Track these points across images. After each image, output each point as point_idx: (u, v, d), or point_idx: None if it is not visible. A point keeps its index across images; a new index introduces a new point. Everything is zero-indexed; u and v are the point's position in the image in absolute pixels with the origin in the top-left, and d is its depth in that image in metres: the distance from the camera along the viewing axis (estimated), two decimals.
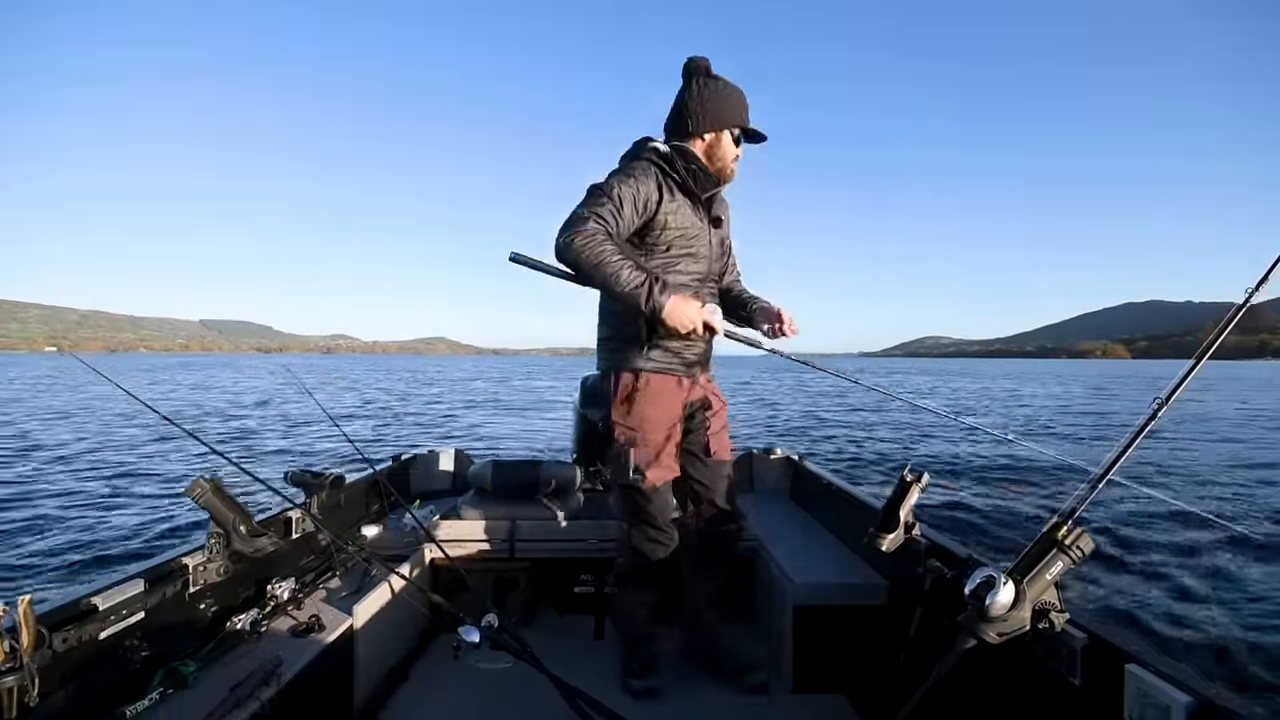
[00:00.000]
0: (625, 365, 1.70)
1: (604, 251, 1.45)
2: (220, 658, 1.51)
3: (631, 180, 1.56)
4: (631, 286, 1.46)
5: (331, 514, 2.26)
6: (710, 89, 1.68)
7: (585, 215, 1.48)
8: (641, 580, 1.86)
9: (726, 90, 1.69)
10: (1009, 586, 1.12)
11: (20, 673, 1.10)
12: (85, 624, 1.29)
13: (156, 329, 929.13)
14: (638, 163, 1.62)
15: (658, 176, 1.61)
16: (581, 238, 1.44)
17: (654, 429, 1.71)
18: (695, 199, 1.70)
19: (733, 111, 1.70)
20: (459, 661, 1.97)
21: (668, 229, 1.64)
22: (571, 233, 1.45)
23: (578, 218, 1.48)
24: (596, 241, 1.45)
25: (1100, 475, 1.19)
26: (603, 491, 2.74)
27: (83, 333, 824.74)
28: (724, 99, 1.69)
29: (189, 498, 1.65)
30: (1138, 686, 0.96)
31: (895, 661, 1.53)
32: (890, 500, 1.54)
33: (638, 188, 1.56)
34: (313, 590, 1.91)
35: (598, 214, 1.49)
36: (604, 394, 1.78)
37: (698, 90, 1.68)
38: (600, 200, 1.51)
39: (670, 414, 1.73)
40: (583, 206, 1.51)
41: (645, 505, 1.75)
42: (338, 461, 9.22)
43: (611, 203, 1.51)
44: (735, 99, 1.70)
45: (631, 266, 1.47)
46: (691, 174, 1.67)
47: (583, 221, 1.47)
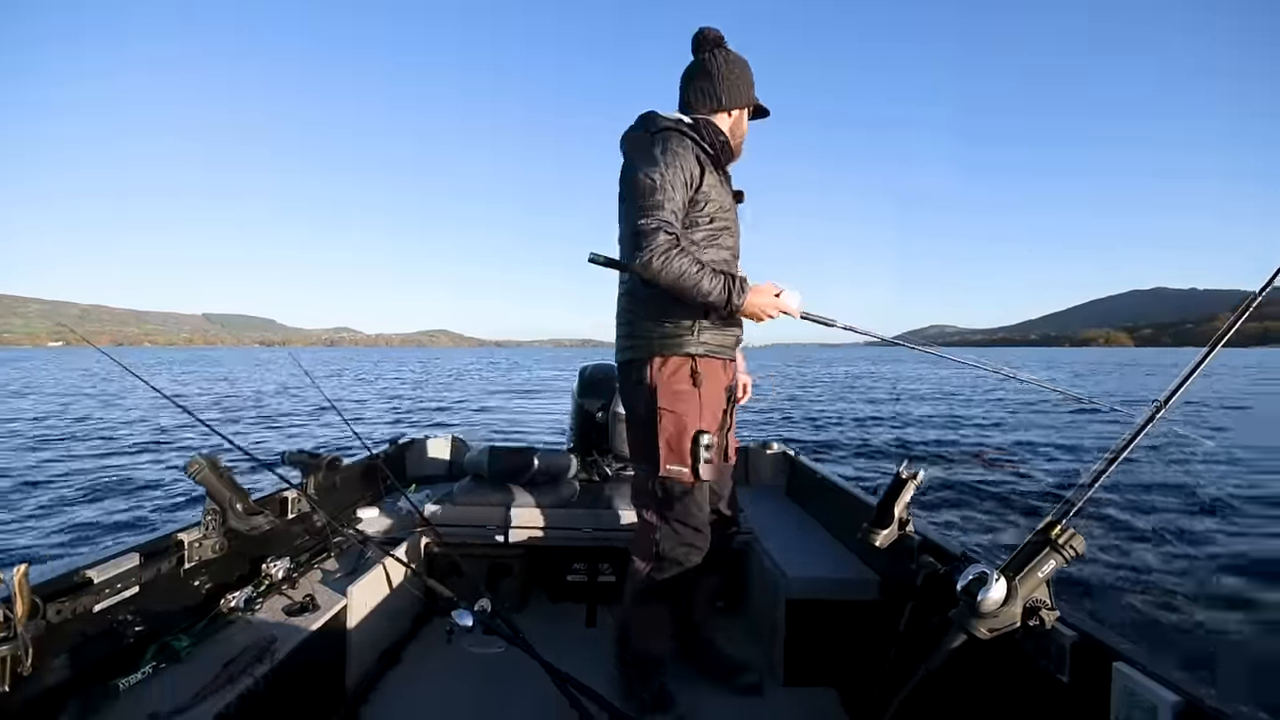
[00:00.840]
0: (674, 350, 1.57)
1: (678, 266, 1.40)
2: (214, 634, 1.52)
3: (676, 161, 1.48)
4: (714, 295, 1.44)
5: (328, 495, 2.27)
6: (734, 62, 1.62)
7: (652, 227, 1.40)
8: (665, 594, 1.67)
9: (745, 66, 1.64)
10: (1001, 583, 1.13)
11: (14, 642, 1.10)
12: (80, 596, 1.29)
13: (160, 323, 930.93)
14: (673, 137, 1.52)
15: (694, 150, 1.54)
16: (657, 259, 1.39)
17: (710, 418, 1.59)
18: (724, 173, 1.66)
19: (750, 88, 1.66)
20: (451, 645, 1.98)
21: (710, 203, 1.57)
22: (644, 253, 1.39)
23: (644, 231, 1.40)
24: (670, 258, 1.40)
25: (1096, 475, 1.19)
26: (598, 481, 2.74)
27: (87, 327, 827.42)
28: (745, 75, 1.64)
29: (187, 474, 1.66)
30: (1125, 685, 0.96)
31: (885, 656, 1.54)
32: (885, 496, 1.55)
33: (681, 166, 1.48)
34: (307, 570, 1.92)
35: (663, 221, 1.41)
36: (634, 382, 1.62)
37: (724, 63, 1.61)
38: (655, 200, 1.43)
39: (721, 401, 1.64)
40: (643, 214, 1.42)
41: (687, 502, 1.60)
42: (336, 445, 9.25)
43: (668, 199, 1.44)
44: (750, 74, 1.65)
45: (709, 274, 1.43)
46: (722, 147, 1.62)
47: (651, 236, 1.40)
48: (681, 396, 1.56)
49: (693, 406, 1.56)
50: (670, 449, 1.56)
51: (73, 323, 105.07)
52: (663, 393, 1.56)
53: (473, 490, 2.45)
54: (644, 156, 1.49)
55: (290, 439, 10.59)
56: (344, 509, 2.37)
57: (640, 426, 1.63)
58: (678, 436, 1.55)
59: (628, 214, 1.47)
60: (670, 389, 1.56)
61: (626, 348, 1.65)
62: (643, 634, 1.72)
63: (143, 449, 9.07)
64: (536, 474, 2.48)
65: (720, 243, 1.61)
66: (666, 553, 1.62)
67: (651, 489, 1.63)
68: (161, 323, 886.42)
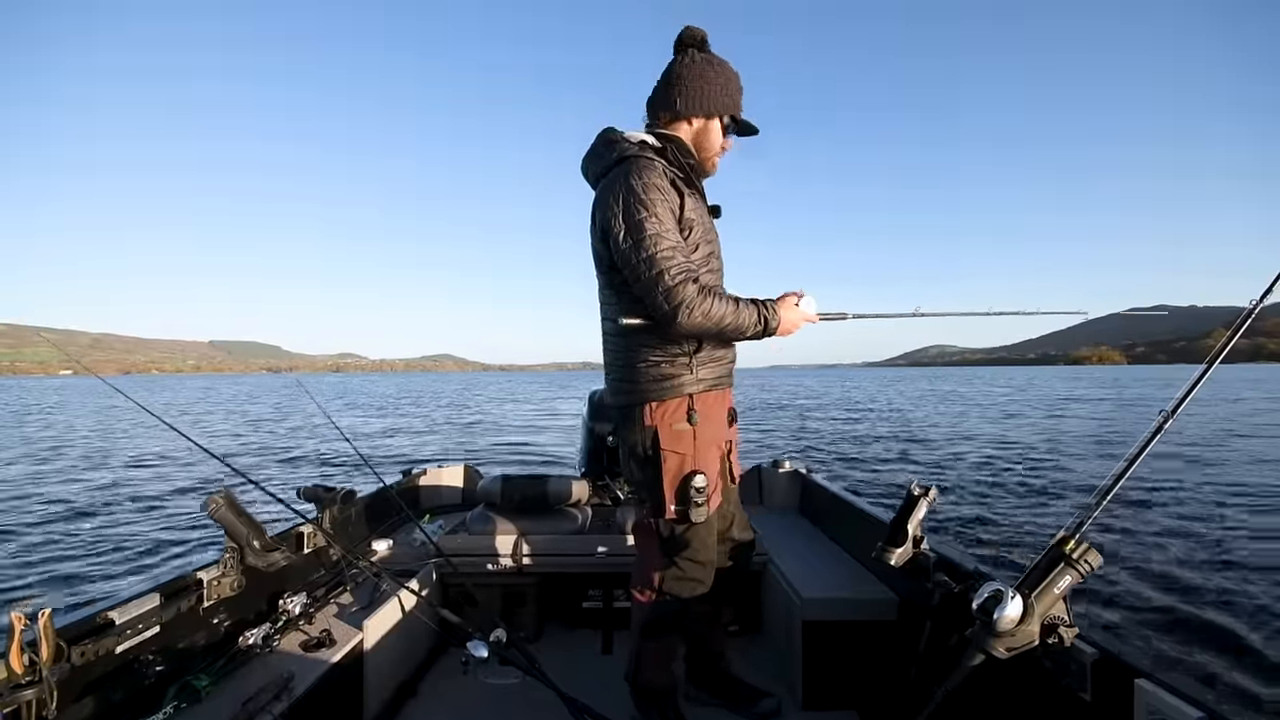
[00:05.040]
0: (672, 394, 1.50)
1: (716, 312, 1.36)
2: (233, 672, 1.53)
3: (657, 194, 1.39)
4: (750, 330, 1.41)
5: (342, 529, 2.28)
6: (702, 65, 1.49)
7: (677, 278, 1.35)
8: (671, 628, 1.65)
9: (721, 70, 1.50)
10: (1017, 601, 1.12)
11: (39, 686, 1.12)
12: (102, 638, 1.31)
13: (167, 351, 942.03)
14: (644, 167, 1.42)
15: (665, 173, 1.45)
16: (696, 313, 1.35)
17: (709, 457, 1.53)
18: (699, 189, 1.56)
19: (726, 96, 1.51)
20: (468, 676, 1.98)
21: (694, 227, 1.48)
22: (681, 310, 1.35)
23: (671, 287, 1.34)
24: (707, 308, 1.36)
25: (1108, 488, 1.19)
26: (610, 506, 2.74)
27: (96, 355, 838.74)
28: (717, 80, 1.49)
29: (205, 513, 1.68)
30: (1148, 702, 0.95)
31: (905, 677, 1.52)
32: (898, 514, 1.54)
33: (665, 198, 1.41)
34: (324, 605, 1.93)
35: (684, 269, 1.36)
36: (633, 424, 1.55)
37: (689, 65, 1.49)
38: (665, 246, 1.36)
39: (722, 433, 1.60)
40: (659, 265, 1.35)
41: (689, 540, 1.55)
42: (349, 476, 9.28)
43: (674, 239, 1.38)
44: (730, 81, 1.51)
45: (738, 308, 1.40)
46: (691, 167, 1.52)
47: (680, 289, 1.34)
48: (683, 437, 1.51)
49: (690, 445, 1.52)
50: (673, 489, 1.51)
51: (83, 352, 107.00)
52: (664, 434, 1.50)
53: (486, 519, 2.46)
54: (628, 192, 1.39)
55: (304, 471, 10.64)
56: (359, 542, 2.38)
57: (642, 466, 1.57)
58: (680, 475, 1.51)
59: (640, 264, 1.38)
60: (671, 429, 1.50)
61: (621, 390, 1.57)
62: (651, 665, 1.70)
63: (159, 480, 9.14)
64: (549, 501, 2.48)
65: (710, 267, 1.55)
66: (670, 589, 1.58)
67: (655, 527, 1.59)
68: (168, 350, 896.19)
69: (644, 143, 1.49)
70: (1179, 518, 5.60)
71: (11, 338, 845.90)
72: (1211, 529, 5.23)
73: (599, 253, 1.52)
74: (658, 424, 1.51)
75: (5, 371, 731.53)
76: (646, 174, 1.41)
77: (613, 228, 1.41)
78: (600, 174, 1.52)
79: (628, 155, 1.45)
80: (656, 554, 1.60)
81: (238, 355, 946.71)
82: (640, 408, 1.52)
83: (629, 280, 1.43)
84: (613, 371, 1.61)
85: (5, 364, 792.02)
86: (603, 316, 1.61)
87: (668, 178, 1.44)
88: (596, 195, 1.52)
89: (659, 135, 1.52)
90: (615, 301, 1.53)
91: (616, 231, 1.40)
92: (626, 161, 1.45)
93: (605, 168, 1.50)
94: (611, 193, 1.43)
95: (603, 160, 1.51)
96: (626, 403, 1.57)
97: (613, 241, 1.42)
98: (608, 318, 1.58)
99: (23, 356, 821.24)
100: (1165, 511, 5.84)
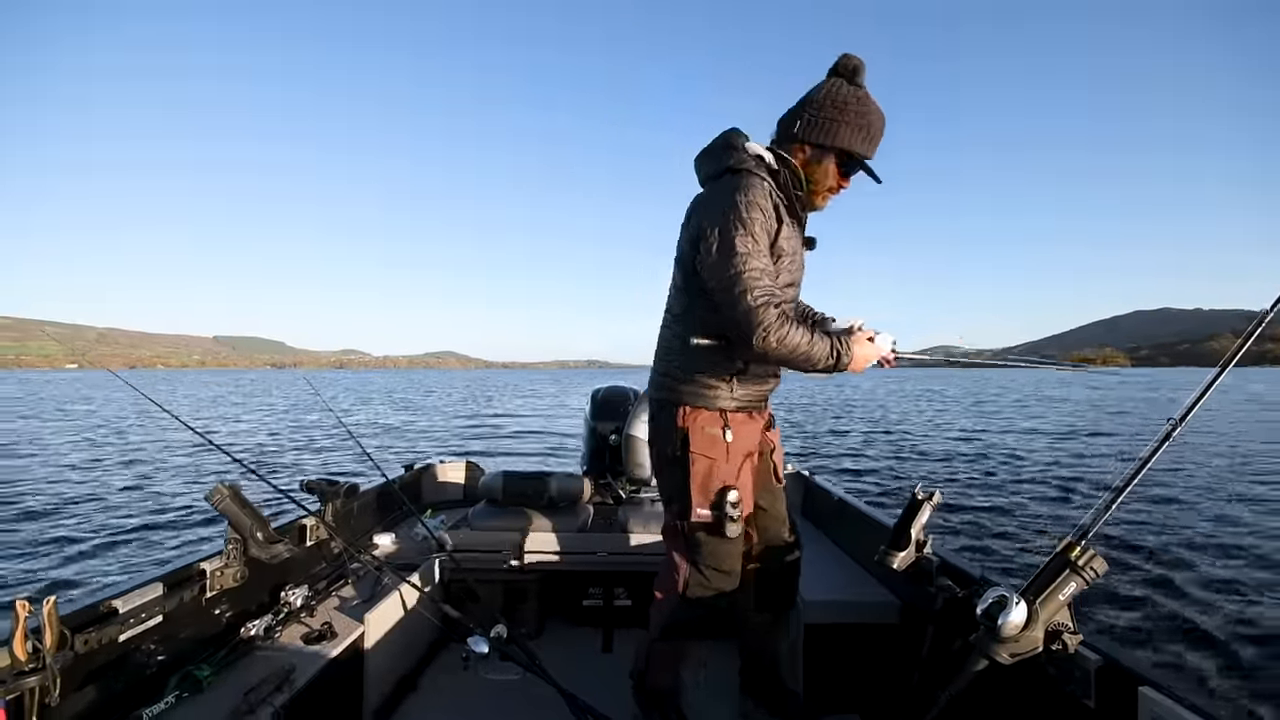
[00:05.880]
0: (705, 404, 1.51)
1: (791, 340, 1.34)
2: (234, 663, 1.54)
3: (758, 214, 1.35)
4: (823, 362, 1.40)
5: (345, 522, 2.29)
6: (840, 96, 1.41)
7: (760, 301, 1.32)
8: (688, 633, 1.64)
9: (858, 107, 1.40)
10: (1021, 607, 1.11)
11: (43, 673, 1.13)
12: (105, 626, 1.32)
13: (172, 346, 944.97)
14: (753, 184, 1.38)
15: (771, 196, 1.40)
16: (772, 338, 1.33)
17: (738, 469, 1.53)
18: (799, 218, 1.52)
19: (851, 133, 1.41)
20: (468, 671, 1.98)
21: (784, 257, 1.45)
22: (759, 332, 1.33)
23: (754, 307, 1.32)
24: (784, 335, 1.33)
25: (1114, 494, 1.18)
26: (612, 505, 2.74)
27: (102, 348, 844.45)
28: (846, 115, 1.40)
29: (209, 503, 1.69)
30: (1152, 710, 0.95)
31: (907, 681, 1.52)
32: (901, 518, 1.54)
33: (765, 219, 1.37)
34: (325, 598, 1.93)
35: (768, 292, 1.34)
36: (664, 422, 1.56)
37: (827, 93, 1.42)
38: (754, 267, 1.34)
39: (753, 442, 1.59)
40: (744, 284, 1.33)
41: (717, 547, 1.53)
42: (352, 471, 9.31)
43: (764, 261, 1.36)
44: (864, 121, 1.41)
45: (817, 340, 1.37)
46: (798, 196, 1.47)
47: (762, 312, 1.32)
48: (714, 442, 1.51)
49: (723, 452, 1.51)
50: (702, 492, 1.50)
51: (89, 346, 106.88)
52: (695, 437, 1.50)
53: (488, 515, 2.46)
54: (730, 206, 1.35)
55: (307, 465, 10.68)
56: (361, 536, 2.39)
57: (669, 466, 1.57)
58: (709, 480, 1.50)
59: (725, 279, 1.35)
60: (703, 433, 1.50)
61: (662, 386, 1.58)
62: (661, 666, 1.69)
63: (164, 474, 9.19)
64: (551, 498, 2.48)
65: (786, 297, 1.50)
66: (694, 596, 1.56)
67: (683, 530, 1.56)
68: (174, 345, 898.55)
69: (760, 158, 1.44)
70: (1186, 525, 5.57)
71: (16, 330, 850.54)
72: (1220, 537, 5.20)
73: (684, 253, 1.50)
74: (689, 426, 1.50)
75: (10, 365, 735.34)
76: (752, 191, 1.37)
77: (706, 237, 1.38)
78: (709, 176, 1.50)
79: (740, 169, 1.42)
80: (682, 558, 1.59)
81: (242, 351, 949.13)
82: (675, 408, 1.53)
83: (711, 291, 1.40)
84: (659, 364, 1.62)
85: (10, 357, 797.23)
86: (667, 309, 1.61)
87: (772, 200, 1.41)
88: (698, 197, 1.51)
89: (778, 155, 1.47)
90: (687, 306, 1.52)
91: (710, 242, 1.37)
92: (737, 175, 1.42)
93: (715, 172, 1.48)
94: (713, 202, 1.41)
95: (715, 163, 1.48)
96: (663, 399, 1.58)
97: (703, 249, 1.39)
98: (672, 312, 1.59)
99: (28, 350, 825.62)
100: (1172, 519, 5.81)
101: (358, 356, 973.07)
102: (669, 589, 1.61)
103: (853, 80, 1.42)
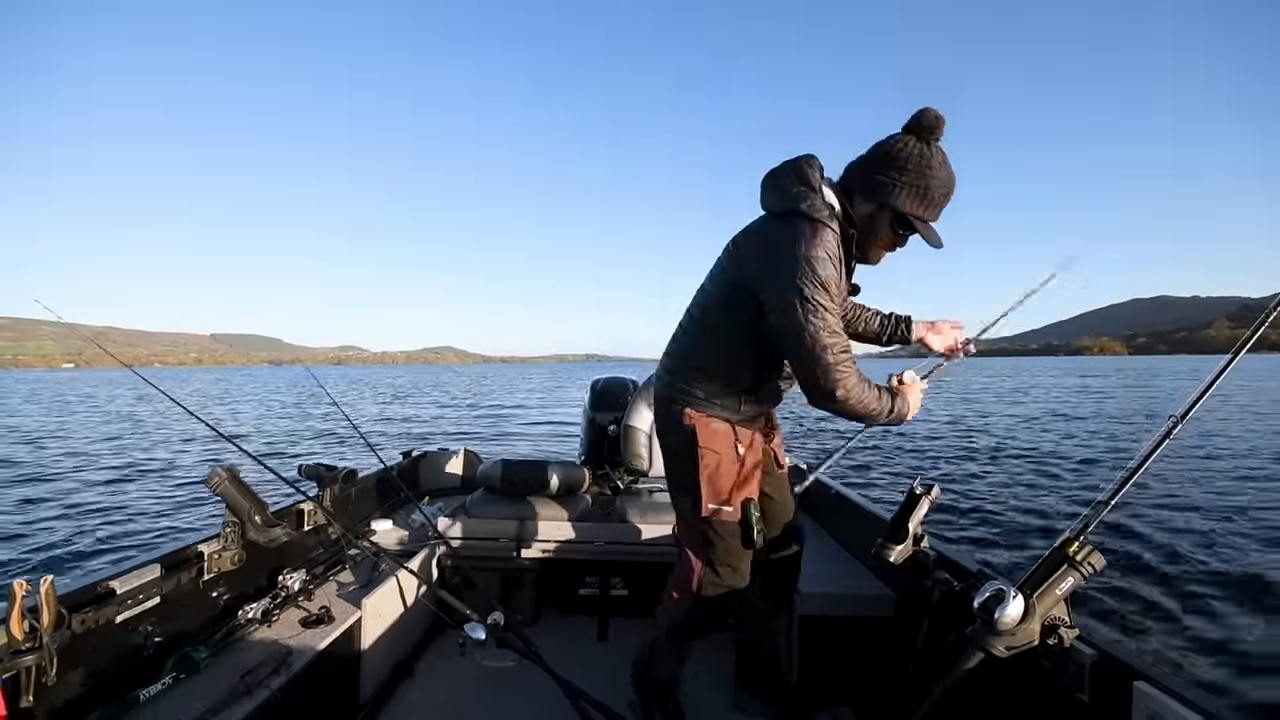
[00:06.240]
0: (712, 411, 1.54)
1: (858, 395, 1.36)
2: (231, 645, 1.54)
3: (832, 269, 1.32)
4: (883, 419, 1.43)
5: (343, 508, 2.29)
6: (904, 153, 1.34)
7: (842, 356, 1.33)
8: (701, 631, 1.67)
9: (920, 165, 1.34)
10: (1018, 600, 1.12)
11: (40, 652, 1.13)
12: (103, 607, 1.32)
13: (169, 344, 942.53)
14: (827, 238, 1.34)
15: (839, 248, 1.36)
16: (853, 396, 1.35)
17: (747, 465, 1.57)
18: (849, 269, 1.49)
19: (908, 195, 1.36)
20: (464, 658, 1.99)
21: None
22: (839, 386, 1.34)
23: (836, 363, 1.33)
24: (860, 391, 1.36)
25: (1114, 490, 1.18)
26: (610, 495, 2.75)
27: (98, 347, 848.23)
28: (908, 173, 1.34)
29: (207, 487, 1.68)
30: (1147, 705, 0.95)
31: (901, 674, 1.52)
32: (899, 512, 1.54)
33: (836, 277, 1.34)
34: (323, 582, 1.94)
35: (842, 346, 1.34)
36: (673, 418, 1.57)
37: (892, 147, 1.35)
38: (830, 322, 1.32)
39: (758, 451, 1.62)
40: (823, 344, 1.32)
41: (733, 545, 1.56)
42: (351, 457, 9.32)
43: (835, 317, 1.34)
44: (924, 180, 1.35)
45: (879, 395, 1.40)
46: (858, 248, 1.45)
47: (845, 367, 1.34)
48: (720, 436, 1.54)
49: (730, 446, 1.54)
50: (711, 486, 1.52)
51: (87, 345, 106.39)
52: (702, 432, 1.53)
53: (485, 503, 2.47)
54: (808, 260, 1.30)
55: (305, 451, 10.70)
56: (359, 521, 2.39)
57: (677, 459, 1.59)
58: (718, 474, 1.52)
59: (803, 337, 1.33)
60: (709, 429, 1.53)
61: (673, 386, 1.58)
62: (665, 660, 1.71)
63: (164, 461, 9.21)
64: (549, 487, 2.48)
65: None
66: (708, 595, 1.58)
67: (697, 527, 1.58)
68: (171, 343, 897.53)
69: (833, 208, 1.39)
70: (1185, 522, 5.58)
71: (14, 330, 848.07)
72: (1219, 534, 5.22)
73: (733, 279, 1.47)
74: (696, 423, 1.53)
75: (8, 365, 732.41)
76: (825, 246, 1.33)
77: (779, 288, 1.34)
78: (776, 211, 1.42)
79: (815, 218, 1.34)
80: (698, 557, 1.60)
81: (239, 348, 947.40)
82: (684, 409, 1.55)
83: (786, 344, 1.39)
84: (674, 366, 1.60)
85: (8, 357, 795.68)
86: (694, 318, 1.58)
87: (839, 252, 1.37)
88: (763, 231, 1.44)
89: (845, 207, 1.42)
90: (725, 327, 1.50)
91: (786, 298, 1.33)
92: (811, 223, 1.34)
93: (782, 209, 1.39)
94: (785, 251, 1.34)
95: (784, 199, 1.39)
96: (670, 395, 1.58)
97: (775, 300, 1.35)
98: (703, 326, 1.55)
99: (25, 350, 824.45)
100: (1171, 515, 5.82)
101: (355, 352, 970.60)
102: (685, 589, 1.62)
103: (926, 138, 1.35)
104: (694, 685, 1.85)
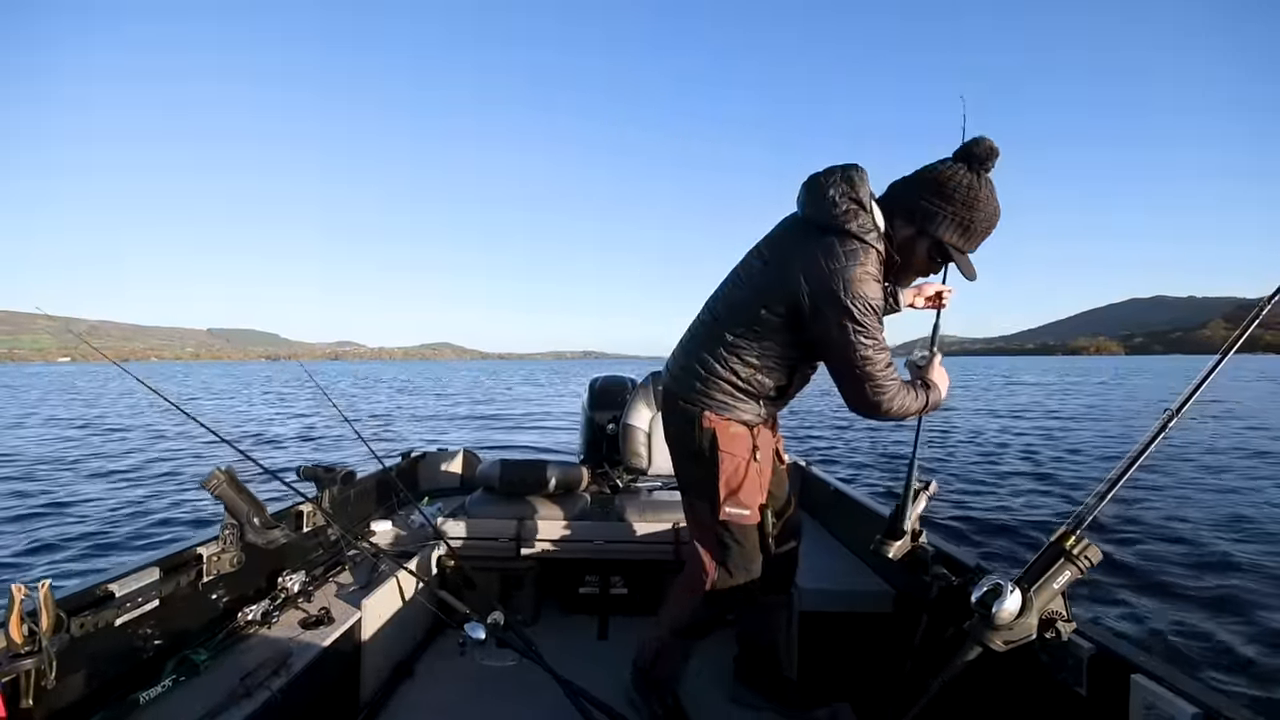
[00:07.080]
0: (732, 414, 1.53)
1: (900, 404, 1.40)
2: (231, 647, 1.54)
3: (876, 289, 1.34)
4: (925, 411, 1.49)
5: (342, 509, 2.29)
6: (949, 181, 1.32)
7: (888, 372, 1.37)
8: (707, 631, 1.68)
9: (965, 196, 1.32)
10: (1016, 595, 1.12)
11: (39, 656, 1.12)
12: (102, 610, 1.31)
13: (165, 338, 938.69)
14: (871, 259, 1.33)
15: (880, 270, 1.37)
16: (896, 406, 1.40)
17: (761, 471, 1.58)
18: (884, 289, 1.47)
19: (948, 225, 1.34)
20: (465, 658, 1.99)
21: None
22: (885, 401, 1.38)
23: (880, 385, 1.36)
24: (903, 402, 1.41)
25: (1110, 484, 1.19)
26: (609, 494, 2.75)
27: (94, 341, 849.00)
28: (953, 203, 1.32)
29: (205, 489, 1.68)
30: (1144, 697, 0.96)
31: (900, 669, 1.53)
32: (897, 508, 1.54)
33: (879, 299, 1.35)
34: (322, 584, 1.93)
35: (887, 361, 1.37)
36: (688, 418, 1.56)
37: (938, 173, 1.34)
38: (877, 344, 1.35)
39: (770, 450, 1.64)
40: (871, 364, 1.35)
41: (746, 546, 1.57)
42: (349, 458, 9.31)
43: (879, 336, 1.36)
44: (968, 211, 1.33)
45: (918, 395, 1.44)
46: (894, 270, 1.45)
47: (892, 384, 1.38)
48: (740, 439, 1.54)
49: (748, 449, 1.54)
50: (729, 489, 1.52)
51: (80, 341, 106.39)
52: (722, 435, 1.52)
53: (485, 503, 2.47)
54: (852, 281, 1.30)
55: (303, 452, 10.68)
56: (358, 522, 2.39)
57: (692, 461, 1.58)
58: (736, 476, 1.52)
59: (852, 357, 1.34)
60: (728, 432, 1.53)
61: (691, 389, 1.55)
62: (669, 659, 1.72)
63: (159, 462, 9.18)
64: (548, 486, 2.49)
65: None
66: (718, 596, 1.59)
67: (712, 529, 1.57)
68: (166, 337, 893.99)
69: (878, 230, 1.37)
70: (1181, 515, 5.60)
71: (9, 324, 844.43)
72: (1215, 528, 5.24)
73: (766, 286, 1.44)
74: (716, 427, 1.52)
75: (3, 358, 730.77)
76: (870, 266, 1.33)
77: (828, 304, 1.33)
78: (818, 224, 1.38)
79: (862, 238, 1.33)
80: (710, 558, 1.60)
81: (236, 343, 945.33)
82: (702, 411, 1.53)
83: (830, 360, 1.43)
84: (689, 365, 1.57)
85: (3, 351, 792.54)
86: (717, 319, 1.55)
87: (881, 271, 1.38)
88: (807, 243, 1.38)
89: (889, 229, 1.41)
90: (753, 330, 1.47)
91: (836, 318, 1.33)
92: (862, 245, 1.33)
93: (825, 223, 1.36)
94: (834, 267, 1.32)
95: (827, 213, 1.36)
96: (686, 396, 1.56)
97: (823, 318, 1.35)
98: (729, 330, 1.51)
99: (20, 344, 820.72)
100: (1168, 509, 5.84)
101: (353, 348, 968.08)
102: (696, 590, 1.62)
103: (978, 169, 1.33)
104: (694, 681, 1.86)
